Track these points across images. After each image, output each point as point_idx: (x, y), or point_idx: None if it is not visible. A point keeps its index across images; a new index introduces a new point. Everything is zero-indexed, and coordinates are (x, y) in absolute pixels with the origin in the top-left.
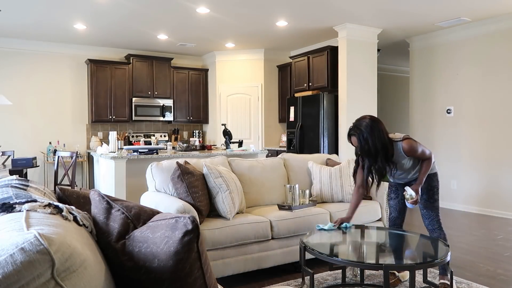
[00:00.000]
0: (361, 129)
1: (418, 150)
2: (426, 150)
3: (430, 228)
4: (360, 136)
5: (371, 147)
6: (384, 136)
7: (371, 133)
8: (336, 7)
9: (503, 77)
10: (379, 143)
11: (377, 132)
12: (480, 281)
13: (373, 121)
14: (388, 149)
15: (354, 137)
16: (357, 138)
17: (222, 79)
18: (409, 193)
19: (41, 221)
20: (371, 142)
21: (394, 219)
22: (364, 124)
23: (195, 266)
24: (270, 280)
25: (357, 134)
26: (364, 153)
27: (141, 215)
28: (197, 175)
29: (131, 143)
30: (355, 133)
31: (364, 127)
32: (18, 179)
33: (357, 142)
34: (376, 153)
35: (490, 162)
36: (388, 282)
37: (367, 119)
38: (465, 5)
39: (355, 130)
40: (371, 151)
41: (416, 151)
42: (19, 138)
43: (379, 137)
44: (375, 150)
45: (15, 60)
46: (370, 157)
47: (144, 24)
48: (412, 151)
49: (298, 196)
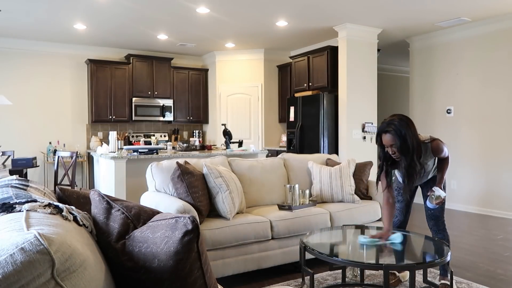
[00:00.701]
0: (396, 124)
1: (443, 150)
2: (447, 150)
3: (435, 230)
4: (398, 132)
5: (409, 144)
6: (418, 135)
7: (407, 129)
8: (336, 7)
9: (503, 77)
10: (416, 141)
11: (413, 128)
12: (480, 281)
13: (406, 118)
14: (421, 150)
15: (388, 135)
16: (394, 135)
17: (222, 79)
18: (437, 193)
19: (41, 221)
20: (409, 139)
21: (400, 222)
22: (398, 120)
23: (195, 266)
24: (270, 280)
25: (393, 131)
26: (401, 152)
27: (141, 215)
28: (197, 175)
29: (131, 143)
30: (391, 129)
31: (399, 123)
32: (18, 179)
33: (392, 140)
34: (413, 152)
35: (490, 162)
36: (388, 282)
37: (401, 115)
38: (465, 5)
39: (390, 127)
40: (409, 149)
41: (442, 151)
42: (19, 138)
43: (415, 135)
44: (413, 148)
45: (15, 60)
46: (407, 156)
47: (144, 24)
48: (439, 151)
49: (298, 196)
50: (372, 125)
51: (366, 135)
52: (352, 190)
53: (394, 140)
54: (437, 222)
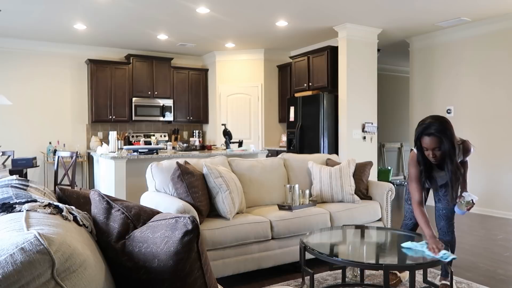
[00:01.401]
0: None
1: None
2: None
3: (444, 231)
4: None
5: (455, 146)
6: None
7: (452, 131)
8: (336, 7)
9: (503, 77)
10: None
11: (453, 132)
12: (480, 281)
13: (448, 120)
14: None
15: (432, 137)
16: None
17: (222, 79)
18: (467, 198)
19: (41, 221)
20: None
21: (413, 225)
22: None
23: (195, 266)
24: (270, 280)
25: (438, 133)
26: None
27: (141, 215)
28: (197, 175)
29: (131, 143)
30: (434, 132)
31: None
32: (18, 179)
33: (436, 143)
34: (456, 154)
35: (490, 162)
36: (388, 282)
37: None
38: (465, 5)
39: (434, 129)
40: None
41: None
42: (19, 138)
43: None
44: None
45: (15, 60)
46: (454, 157)
47: (144, 24)
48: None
49: (298, 196)
50: (372, 125)
51: (366, 135)
52: (352, 190)
53: (438, 142)
54: (447, 223)
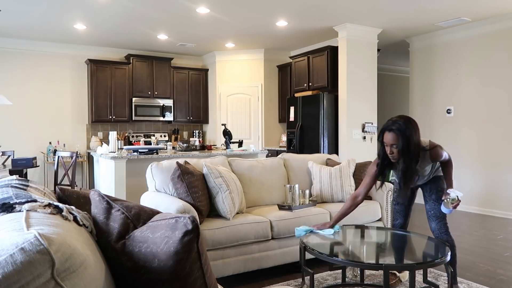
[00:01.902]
0: (402, 125)
1: (443, 155)
2: (446, 154)
3: (437, 233)
4: (402, 132)
5: (412, 148)
6: (420, 141)
7: (412, 132)
8: (336, 7)
9: (503, 77)
10: (417, 145)
11: (417, 132)
12: (480, 281)
13: (414, 121)
14: (424, 154)
15: (392, 133)
16: (398, 135)
17: (222, 79)
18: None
19: (41, 221)
20: (412, 143)
21: (400, 225)
22: (405, 121)
23: (195, 266)
24: (270, 280)
25: (398, 130)
26: (401, 153)
27: (141, 215)
28: (197, 175)
29: (131, 143)
30: (395, 128)
31: (405, 125)
32: (18, 179)
33: (394, 140)
34: (413, 156)
35: (490, 162)
36: (388, 282)
37: (408, 117)
38: (465, 5)
39: (395, 125)
40: (411, 152)
41: (441, 157)
42: (19, 138)
43: (417, 140)
44: (414, 152)
45: (15, 60)
46: (406, 159)
47: (144, 24)
48: (438, 157)
49: (298, 196)
50: (372, 125)
51: (366, 135)
52: (352, 190)
53: (396, 140)
54: (438, 224)
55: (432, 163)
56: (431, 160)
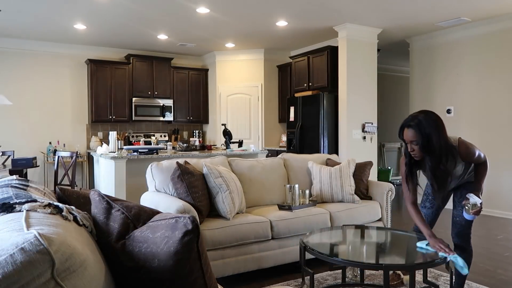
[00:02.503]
0: (422, 121)
1: (475, 154)
2: (481, 153)
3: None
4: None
5: (435, 144)
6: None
7: (434, 128)
8: (336, 7)
9: (503, 77)
10: (443, 141)
11: (441, 128)
12: (480, 281)
13: (435, 115)
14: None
15: (411, 130)
16: (417, 132)
17: (222, 79)
18: (472, 201)
19: (41, 221)
20: (434, 139)
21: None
22: (425, 116)
23: (195, 266)
24: (270, 280)
25: (416, 126)
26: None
27: (141, 215)
28: (197, 175)
29: (131, 143)
30: (414, 124)
31: (424, 120)
32: (18, 179)
33: (413, 136)
34: (440, 154)
35: (490, 162)
36: (388, 282)
37: (429, 112)
38: (465, 5)
39: (414, 121)
40: (435, 149)
41: (473, 155)
42: (19, 138)
43: (442, 135)
44: (440, 149)
45: (15, 60)
46: (432, 157)
47: (144, 24)
48: (470, 155)
49: (298, 196)
50: (372, 125)
51: (366, 135)
52: (352, 190)
53: (415, 136)
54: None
55: (464, 163)
56: (461, 159)
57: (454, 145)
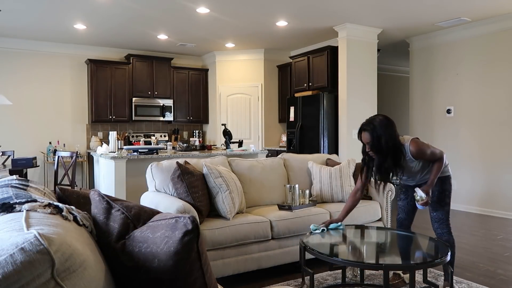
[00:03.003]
0: (375, 124)
1: (426, 152)
2: (436, 151)
3: (439, 232)
4: (373, 132)
5: (383, 145)
6: (396, 137)
7: (384, 130)
8: (336, 7)
9: (503, 77)
10: (391, 142)
11: (390, 130)
12: (480, 281)
13: (387, 119)
14: (400, 151)
15: (366, 133)
16: (370, 134)
17: (222, 79)
18: (419, 194)
19: (41, 221)
20: (384, 140)
21: (401, 220)
22: (378, 120)
23: (195, 266)
24: (270, 280)
25: (370, 130)
26: (374, 151)
27: (141, 215)
28: (197, 175)
29: (131, 143)
30: (368, 128)
31: (378, 124)
32: (18, 179)
33: (368, 138)
34: (387, 153)
35: (490, 162)
36: (388, 282)
37: (381, 116)
38: (465, 5)
39: (368, 126)
40: (383, 149)
41: (424, 154)
42: (19, 138)
43: (391, 136)
44: (387, 148)
45: (15, 60)
46: (381, 155)
47: (144, 24)
48: (420, 153)
49: (298, 196)
50: None
51: None
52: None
53: (369, 138)
54: (440, 225)
55: (421, 161)
56: (413, 157)
57: (404, 144)
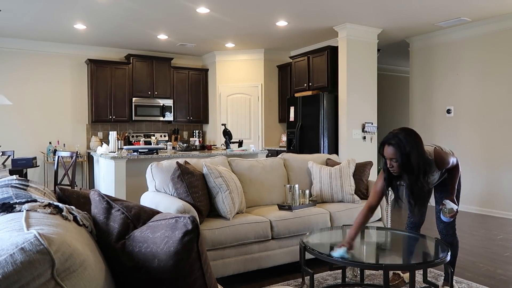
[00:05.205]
0: (402, 140)
1: (449, 162)
2: (454, 159)
3: (444, 233)
4: (402, 148)
5: (413, 163)
6: (425, 153)
7: (413, 147)
8: (336, 7)
9: (503, 77)
10: (422, 161)
11: (420, 147)
12: (480, 281)
13: (415, 134)
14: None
15: (391, 148)
16: (397, 150)
17: (222, 79)
18: (448, 206)
19: (41, 221)
20: (413, 158)
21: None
22: (405, 134)
23: (195, 266)
24: (270, 280)
25: (397, 145)
26: (404, 170)
27: (141, 215)
28: (197, 175)
29: (131, 143)
30: (394, 143)
31: (404, 139)
32: (18, 179)
33: (393, 154)
34: (418, 172)
35: (490, 162)
36: (388, 282)
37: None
38: (465, 5)
39: (395, 140)
40: (413, 169)
41: (448, 164)
42: (19, 138)
43: (421, 154)
44: (418, 168)
45: (15, 60)
46: (411, 175)
47: (144, 24)
48: (445, 165)
49: (298, 196)
50: (372, 125)
51: (366, 135)
52: (352, 190)
53: (395, 154)
54: (446, 226)
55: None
56: (438, 169)
57: (431, 158)
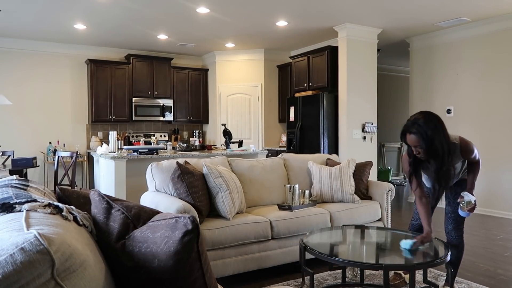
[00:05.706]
0: (422, 125)
1: (474, 151)
2: (477, 152)
3: (452, 235)
4: (423, 134)
5: (437, 147)
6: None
7: (435, 130)
8: (336, 7)
9: (503, 77)
10: (445, 143)
11: (442, 129)
12: (480, 281)
13: (435, 117)
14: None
15: (413, 136)
16: (419, 137)
17: (222, 79)
18: (467, 199)
19: (41, 221)
20: (437, 142)
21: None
22: (424, 119)
23: (195, 266)
24: (270, 280)
25: (418, 132)
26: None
27: (141, 215)
28: (197, 175)
29: (131, 143)
30: (415, 131)
31: (424, 124)
32: (18, 179)
33: (416, 141)
34: (443, 155)
35: (490, 162)
36: (388, 282)
37: (427, 114)
38: (465, 5)
39: (414, 127)
40: (438, 152)
41: (472, 152)
42: (19, 138)
43: (444, 136)
44: (443, 151)
45: (15, 60)
46: (437, 159)
47: (144, 24)
48: (469, 152)
49: (298, 196)
50: (372, 125)
51: (366, 135)
52: (352, 190)
53: (418, 141)
54: (455, 227)
55: (463, 160)
56: (462, 156)
57: (456, 142)
